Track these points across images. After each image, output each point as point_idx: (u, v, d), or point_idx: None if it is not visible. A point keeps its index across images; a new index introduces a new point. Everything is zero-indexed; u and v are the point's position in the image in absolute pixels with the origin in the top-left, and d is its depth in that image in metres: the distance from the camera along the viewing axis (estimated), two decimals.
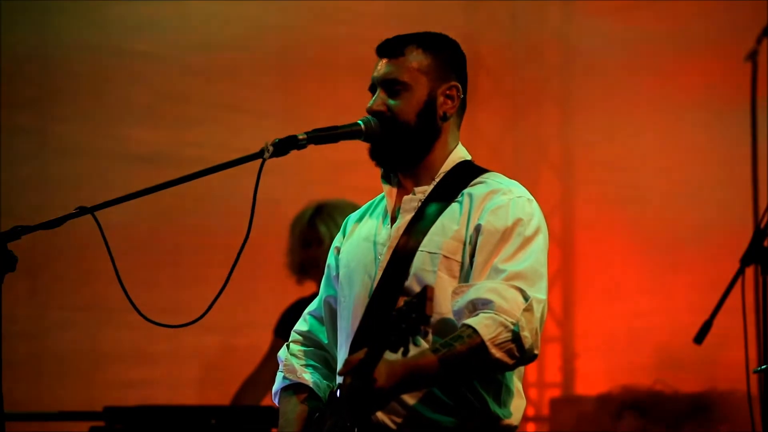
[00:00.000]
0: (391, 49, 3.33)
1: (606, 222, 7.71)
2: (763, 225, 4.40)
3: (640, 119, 7.62)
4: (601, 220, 7.75)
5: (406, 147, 3.31)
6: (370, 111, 3.32)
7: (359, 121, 3.33)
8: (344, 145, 3.40)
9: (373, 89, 3.35)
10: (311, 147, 3.32)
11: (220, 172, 3.28)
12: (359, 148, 3.41)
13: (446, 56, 3.36)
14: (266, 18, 7.46)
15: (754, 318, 4.50)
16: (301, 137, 3.28)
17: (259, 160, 3.24)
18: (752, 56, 5.49)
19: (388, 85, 3.31)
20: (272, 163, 3.27)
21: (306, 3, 7.49)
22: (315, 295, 5.83)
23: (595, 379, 7.64)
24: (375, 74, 3.34)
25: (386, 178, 3.39)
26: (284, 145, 3.26)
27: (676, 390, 7.02)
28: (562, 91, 8.17)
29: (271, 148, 3.25)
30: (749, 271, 4.48)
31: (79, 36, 6.97)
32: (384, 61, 3.33)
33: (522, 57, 8.21)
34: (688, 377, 6.99)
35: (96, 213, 3.24)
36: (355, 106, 3.57)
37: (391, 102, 3.30)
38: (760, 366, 4.22)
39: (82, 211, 3.23)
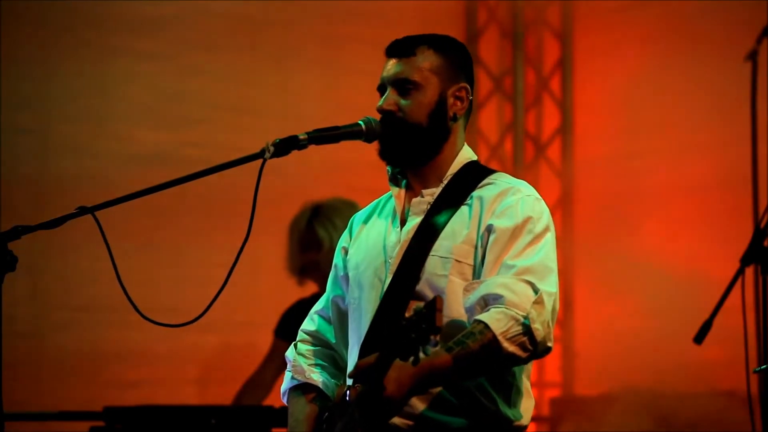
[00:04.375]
0: (401, 49, 3.33)
1: (606, 222, 7.70)
2: (763, 225, 4.41)
3: (639, 119, 7.62)
4: (601, 219, 7.75)
5: (416, 147, 3.32)
6: (381, 110, 3.31)
7: (360, 122, 3.33)
8: (344, 145, 3.40)
9: (382, 89, 3.35)
10: (312, 147, 3.32)
11: (220, 172, 3.28)
12: (359, 149, 3.41)
13: (456, 57, 3.36)
14: (266, 18, 7.46)
15: (754, 318, 4.50)
16: (302, 137, 3.28)
17: (260, 161, 3.24)
18: (752, 56, 5.49)
19: (400, 84, 3.31)
20: (272, 163, 3.27)
21: (306, 3, 7.49)
22: (315, 295, 5.87)
23: (595, 379, 7.63)
24: (385, 74, 3.34)
25: (393, 180, 3.39)
26: (285, 145, 3.27)
27: (676, 390, 7.02)
28: (562, 91, 8.18)
29: (272, 148, 3.25)
30: (749, 271, 4.49)
31: (79, 36, 6.97)
32: (394, 61, 3.33)
33: (522, 57, 8.21)
34: (688, 377, 6.99)
35: (96, 213, 3.24)
36: (356, 105, 3.57)
37: (403, 102, 3.30)
38: (760, 366, 4.23)
39: (82, 211, 3.23)
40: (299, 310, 5.90)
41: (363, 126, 3.33)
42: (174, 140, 7.14)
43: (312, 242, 5.79)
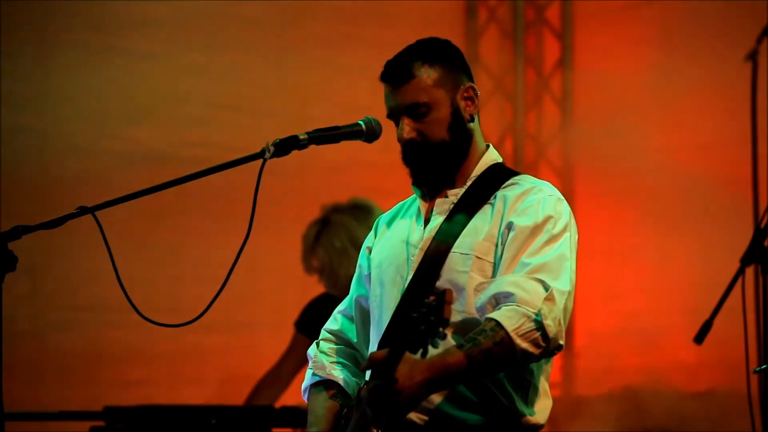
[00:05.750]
0: (399, 75, 3.31)
1: (606, 222, 7.70)
2: (763, 225, 4.40)
3: (640, 119, 7.62)
4: (600, 219, 7.75)
5: (447, 163, 3.33)
6: (403, 141, 3.31)
7: (360, 122, 3.35)
8: (344, 145, 3.41)
9: (392, 117, 3.34)
10: (312, 147, 3.33)
11: (220, 172, 3.28)
12: (359, 149, 3.41)
13: (450, 60, 3.36)
14: (266, 18, 7.46)
15: (754, 318, 4.50)
16: (302, 137, 3.29)
17: (260, 161, 3.25)
18: (752, 56, 5.49)
19: (411, 110, 3.29)
20: (272, 163, 3.27)
21: (306, 3, 7.49)
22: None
23: (595, 379, 7.63)
24: (392, 103, 3.32)
25: (417, 184, 3.39)
26: (285, 145, 3.28)
27: (676, 390, 7.01)
28: (562, 91, 8.17)
29: (272, 148, 3.26)
30: (749, 271, 4.48)
31: (79, 36, 6.97)
32: (396, 88, 3.31)
33: (522, 57, 8.21)
34: (688, 377, 6.99)
35: (96, 213, 3.24)
36: (355, 105, 3.58)
37: (420, 126, 3.30)
38: (760, 366, 4.23)
39: (82, 211, 3.24)
40: (321, 304, 5.86)
41: (363, 126, 3.34)
42: (174, 140, 7.14)
43: (313, 262, 5.76)
